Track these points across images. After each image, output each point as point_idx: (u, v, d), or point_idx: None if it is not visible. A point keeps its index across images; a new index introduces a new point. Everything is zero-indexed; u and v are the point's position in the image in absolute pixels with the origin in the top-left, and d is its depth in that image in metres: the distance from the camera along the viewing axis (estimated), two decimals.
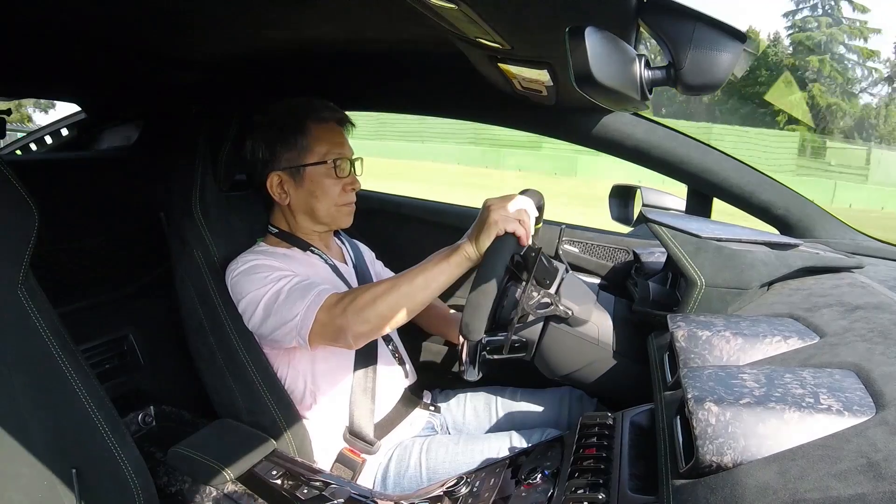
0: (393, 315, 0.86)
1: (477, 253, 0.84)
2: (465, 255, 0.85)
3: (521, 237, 0.83)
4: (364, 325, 0.86)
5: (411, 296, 0.85)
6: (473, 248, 0.84)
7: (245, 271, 0.97)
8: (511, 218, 0.82)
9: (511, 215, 0.83)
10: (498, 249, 0.82)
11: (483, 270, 0.81)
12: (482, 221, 0.84)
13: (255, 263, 0.98)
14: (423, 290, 0.85)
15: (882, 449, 0.42)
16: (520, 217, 0.83)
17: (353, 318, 0.85)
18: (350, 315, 0.86)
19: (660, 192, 1.39)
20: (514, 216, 0.83)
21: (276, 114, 1.05)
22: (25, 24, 0.95)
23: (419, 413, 1.13)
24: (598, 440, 0.70)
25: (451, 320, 1.23)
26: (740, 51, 0.58)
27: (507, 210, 0.83)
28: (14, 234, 0.78)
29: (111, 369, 1.32)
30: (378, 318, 0.85)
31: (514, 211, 0.83)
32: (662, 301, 0.94)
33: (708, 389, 0.52)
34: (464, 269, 0.86)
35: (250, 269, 0.97)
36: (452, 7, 0.54)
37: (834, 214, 1.15)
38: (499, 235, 0.82)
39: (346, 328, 0.86)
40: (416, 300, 0.86)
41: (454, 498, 0.76)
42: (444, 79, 1.23)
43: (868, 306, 0.68)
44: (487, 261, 0.82)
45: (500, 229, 0.82)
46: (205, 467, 0.84)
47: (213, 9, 0.89)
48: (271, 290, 0.93)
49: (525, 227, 0.83)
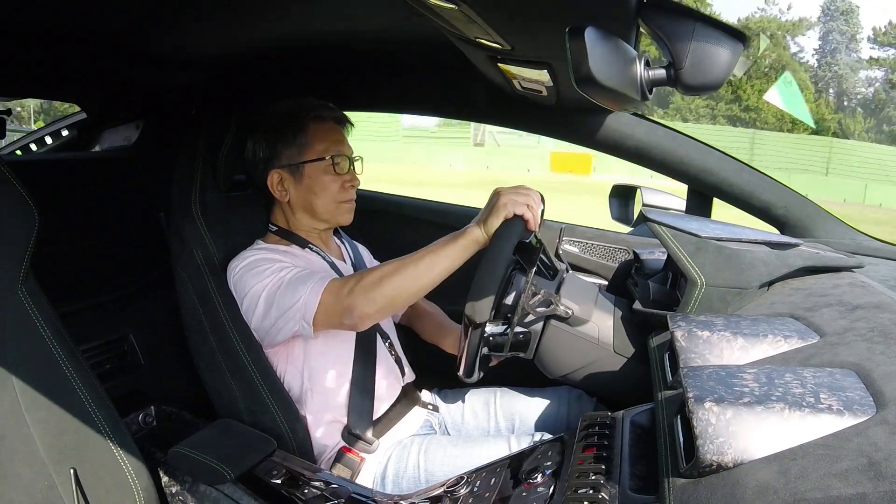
0: (399, 295, 0.87)
1: (485, 236, 0.86)
2: (473, 238, 0.86)
3: (529, 221, 0.85)
4: (370, 305, 0.86)
5: (417, 277, 0.86)
6: (481, 231, 0.86)
7: (246, 267, 0.98)
8: (520, 202, 0.84)
9: (520, 200, 0.85)
10: (506, 232, 0.84)
11: (491, 252, 0.83)
12: (491, 205, 0.86)
13: (256, 258, 0.98)
14: (429, 271, 0.86)
15: (883, 448, 0.42)
16: (528, 202, 0.85)
17: (359, 298, 0.86)
18: (357, 295, 0.86)
19: (660, 192, 1.39)
20: (523, 201, 0.85)
21: (277, 113, 1.06)
22: (25, 25, 0.95)
23: (418, 412, 1.13)
24: (598, 440, 0.70)
25: (448, 330, 1.22)
26: (740, 51, 0.58)
27: (516, 194, 0.85)
28: (14, 234, 0.78)
29: (111, 369, 1.32)
30: (384, 299, 0.86)
31: (523, 197, 0.85)
32: (662, 301, 0.94)
33: (708, 389, 0.52)
34: (471, 253, 0.87)
35: (252, 265, 0.98)
36: (452, 7, 0.54)
37: (834, 214, 1.15)
38: (507, 219, 0.84)
39: (352, 308, 0.87)
40: (423, 281, 0.87)
41: (454, 498, 0.76)
42: (444, 79, 1.23)
43: (868, 306, 0.68)
44: (495, 243, 0.84)
45: (510, 212, 0.84)
46: (205, 467, 0.84)
47: (213, 9, 0.89)
48: (273, 280, 0.94)
49: (533, 213, 0.85)
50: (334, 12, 0.89)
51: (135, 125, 1.66)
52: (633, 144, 1.13)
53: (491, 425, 1.15)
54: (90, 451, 0.79)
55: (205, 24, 0.98)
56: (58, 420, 0.77)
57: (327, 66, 1.28)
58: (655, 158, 1.14)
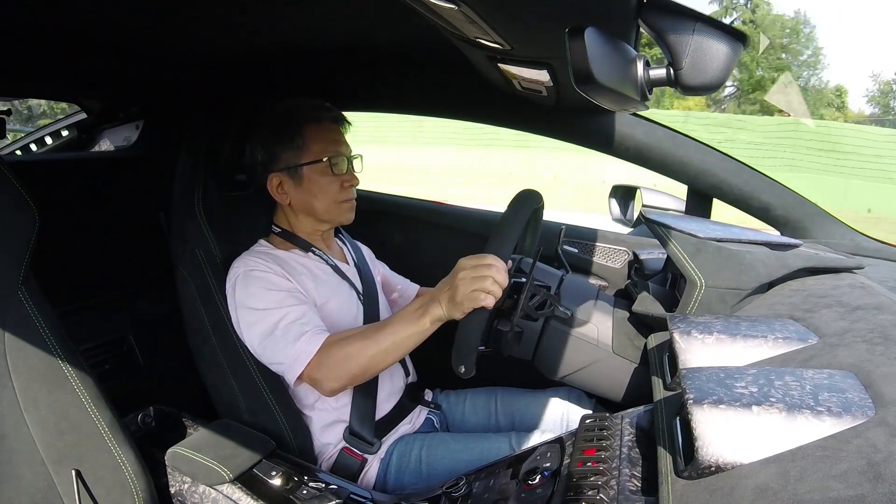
0: (363, 373, 0.91)
1: (450, 317, 0.84)
2: (438, 317, 0.84)
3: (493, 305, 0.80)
4: (336, 381, 0.90)
5: (381, 358, 0.88)
6: (446, 313, 0.83)
7: (245, 280, 0.97)
8: (478, 298, 0.79)
9: (480, 291, 0.79)
10: (472, 322, 0.80)
11: (462, 334, 0.80)
12: (453, 292, 0.81)
13: (257, 275, 0.97)
14: (393, 352, 0.88)
15: (882, 450, 0.42)
16: (489, 286, 0.79)
17: (326, 374, 0.90)
18: (324, 371, 0.90)
19: (660, 192, 1.39)
20: (482, 288, 0.79)
21: (272, 116, 1.06)
22: (25, 24, 0.94)
23: (419, 412, 1.13)
24: (598, 440, 0.70)
25: None
26: (740, 50, 0.58)
27: (476, 285, 0.79)
28: (14, 234, 0.78)
29: (111, 369, 1.32)
30: (348, 378, 0.90)
31: (480, 283, 0.79)
32: (662, 302, 0.94)
33: (707, 390, 0.52)
34: (435, 328, 0.86)
35: (251, 281, 0.97)
36: (452, 7, 0.54)
37: (834, 215, 1.15)
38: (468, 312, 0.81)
39: (319, 382, 0.90)
40: (386, 361, 0.89)
41: (454, 498, 0.76)
42: (444, 79, 1.23)
43: (868, 307, 0.68)
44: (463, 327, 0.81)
45: (468, 308, 0.80)
46: (204, 467, 0.84)
47: (213, 8, 0.89)
48: (266, 321, 0.94)
49: (500, 286, 0.79)
50: (334, 12, 0.89)
51: (135, 125, 1.66)
52: (633, 145, 1.13)
53: (491, 425, 1.15)
54: (90, 452, 0.79)
55: (205, 24, 0.98)
56: (57, 420, 0.77)
57: (327, 66, 1.28)
58: (655, 159, 1.14)
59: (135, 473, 0.82)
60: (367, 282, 1.14)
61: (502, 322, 0.92)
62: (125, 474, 0.81)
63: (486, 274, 0.79)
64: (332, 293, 1.04)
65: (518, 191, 0.91)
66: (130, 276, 1.46)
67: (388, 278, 1.28)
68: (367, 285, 1.14)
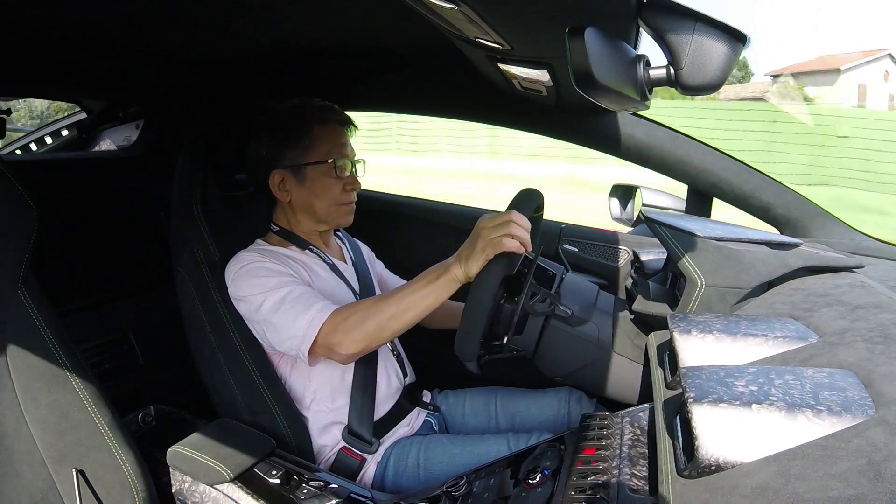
0: (381, 335, 0.89)
1: (466, 276, 0.84)
2: (454, 278, 0.85)
3: (516, 251, 0.81)
4: (354, 344, 0.88)
5: (399, 317, 0.87)
6: (462, 271, 0.84)
7: (244, 272, 0.97)
8: (501, 241, 0.80)
9: (500, 235, 0.80)
10: (487, 277, 0.81)
11: (473, 297, 0.81)
12: (472, 245, 0.82)
13: (255, 265, 0.98)
14: (410, 311, 0.87)
15: (882, 449, 0.42)
16: (511, 232, 0.80)
17: (343, 338, 0.88)
18: (340, 334, 0.88)
19: (660, 192, 1.39)
20: (504, 234, 0.80)
21: (281, 114, 1.06)
22: (25, 24, 0.95)
23: (418, 413, 1.13)
24: (598, 440, 0.70)
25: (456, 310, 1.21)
26: (741, 50, 0.58)
27: (497, 232, 0.80)
28: (14, 234, 0.78)
29: (111, 369, 1.32)
30: (367, 339, 0.88)
31: (503, 230, 0.80)
32: (662, 300, 0.94)
33: (708, 389, 0.52)
34: (452, 291, 0.86)
35: (250, 271, 0.97)
36: (452, 7, 0.54)
37: (834, 214, 1.15)
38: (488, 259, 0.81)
39: (337, 347, 0.89)
40: (404, 320, 0.88)
41: (454, 498, 0.76)
42: (444, 79, 1.23)
43: (868, 306, 0.68)
44: (476, 289, 0.81)
45: (489, 255, 0.81)
46: (205, 467, 0.84)
47: (213, 9, 0.89)
48: (271, 299, 0.93)
49: (521, 240, 0.81)
50: (334, 12, 0.89)
51: (135, 125, 1.66)
52: (634, 144, 1.13)
53: (491, 425, 1.15)
54: (90, 451, 0.79)
55: (205, 24, 0.98)
56: (58, 420, 0.77)
57: (327, 66, 1.28)
58: (655, 158, 1.14)
59: (135, 473, 0.82)
60: (364, 281, 1.15)
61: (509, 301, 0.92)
62: (125, 474, 0.82)
63: (509, 220, 0.81)
64: (328, 291, 1.04)
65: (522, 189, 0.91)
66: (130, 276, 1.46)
67: (386, 278, 1.28)
68: (363, 284, 1.14)
